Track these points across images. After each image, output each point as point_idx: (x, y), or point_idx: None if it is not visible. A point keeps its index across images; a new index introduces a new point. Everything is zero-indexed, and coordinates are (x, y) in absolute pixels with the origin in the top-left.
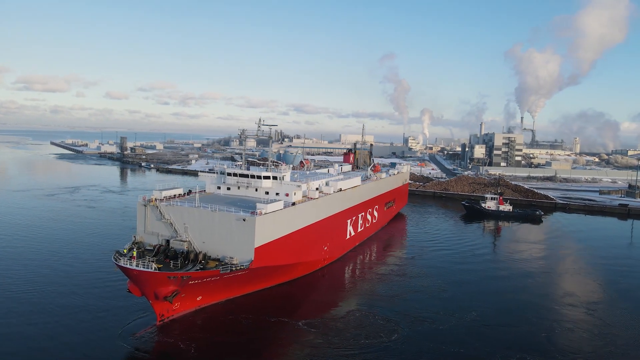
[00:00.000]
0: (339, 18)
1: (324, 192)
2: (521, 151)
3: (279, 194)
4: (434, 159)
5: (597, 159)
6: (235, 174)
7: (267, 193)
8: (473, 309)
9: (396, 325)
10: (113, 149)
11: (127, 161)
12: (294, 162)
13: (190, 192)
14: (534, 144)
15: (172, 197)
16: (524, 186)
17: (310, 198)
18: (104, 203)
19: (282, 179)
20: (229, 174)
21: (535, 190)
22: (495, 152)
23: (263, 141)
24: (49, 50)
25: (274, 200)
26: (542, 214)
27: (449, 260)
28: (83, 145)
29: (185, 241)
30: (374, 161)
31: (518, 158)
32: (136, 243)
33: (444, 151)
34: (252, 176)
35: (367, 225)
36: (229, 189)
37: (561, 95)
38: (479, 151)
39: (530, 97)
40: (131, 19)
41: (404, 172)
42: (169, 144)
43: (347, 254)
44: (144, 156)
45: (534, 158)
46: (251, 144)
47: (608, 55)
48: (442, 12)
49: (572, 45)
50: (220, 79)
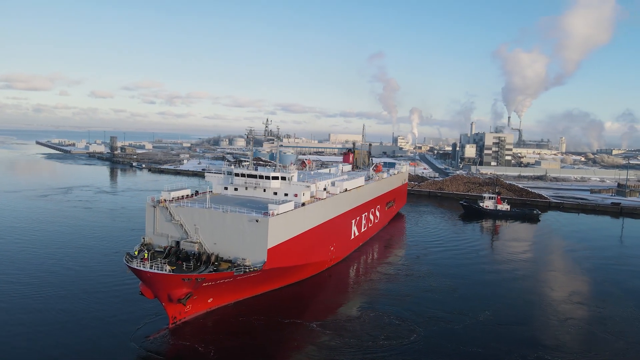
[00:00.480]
0: (328, 17)
1: (330, 193)
2: (511, 151)
3: (287, 194)
4: (424, 158)
5: (584, 158)
6: (243, 175)
7: (276, 194)
8: (485, 308)
9: (413, 325)
10: (102, 148)
11: (118, 161)
12: (287, 162)
13: (197, 193)
14: (520, 143)
15: (181, 197)
16: (518, 185)
17: (318, 198)
18: (100, 204)
19: (291, 180)
20: (236, 174)
21: (529, 190)
22: (485, 151)
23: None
24: (31, 48)
25: (284, 200)
26: (540, 213)
27: (454, 260)
28: (70, 145)
29: (196, 242)
30: (372, 161)
31: (508, 157)
32: (145, 245)
33: (433, 150)
34: (261, 177)
35: (370, 225)
36: (236, 189)
37: (547, 95)
38: (470, 151)
39: (517, 97)
40: (116, 17)
41: (403, 171)
42: (157, 143)
43: (352, 254)
44: (135, 156)
45: (522, 157)
46: (240, 143)
47: (593, 56)
48: (432, 10)
49: (557, 46)
50: (208, 78)
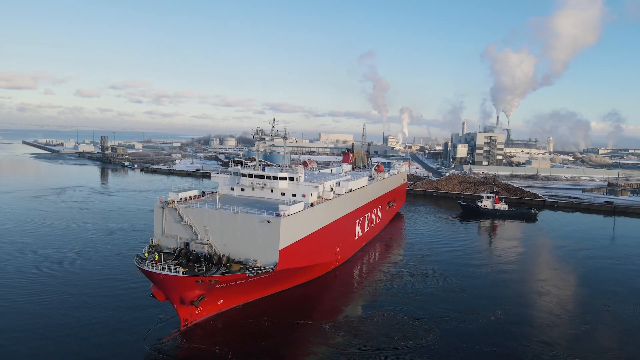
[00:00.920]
0: (318, 16)
1: (337, 193)
2: (502, 150)
3: (295, 195)
4: (416, 158)
5: (572, 158)
6: (250, 175)
7: (283, 194)
8: (495, 307)
9: (428, 325)
10: (91, 148)
11: (109, 161)
12: (280, 161)
13: (203, 194)
14: (509, 142)
15: (188, 198)
16: (513, 185)
17: (325, 199)
18: (96, 205)
19: (298, 180)
20: (243, 174)
21: (524, 189)
22: (477, 151)
23: (243, 140)
24: (14, 46)
25: (295, 201)
26: (537, 212)
27: (459, 259)
28: (59, 145)
29: (206, 244)
30: (371, 161)
31: (499, 157)
32: (154, 246)
33: (424, 150)
34: (268, 177)
35: (372, 225)
36: (243, 190)
37: (535, 95)
38: (462, 150)
39: (506, 96)
40: (102, 15)
41: (402, 171)
42: (147, 143)
43: (356, 254)
44: (126, 156)
45: (513, 157)
46: (231, 143)
47: (581, 56)
48: (423, 10)
49: (546, 46)
50: (196, 77)
